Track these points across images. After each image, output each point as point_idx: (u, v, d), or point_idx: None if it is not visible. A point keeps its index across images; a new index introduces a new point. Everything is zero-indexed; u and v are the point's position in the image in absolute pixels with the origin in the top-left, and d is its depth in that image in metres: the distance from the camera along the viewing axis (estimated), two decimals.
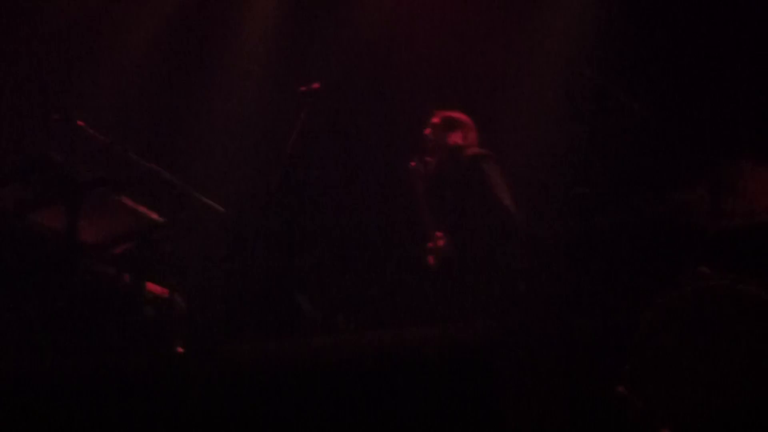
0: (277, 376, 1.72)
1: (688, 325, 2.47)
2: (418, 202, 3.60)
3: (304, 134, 3.03)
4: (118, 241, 3.29)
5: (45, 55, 4.83)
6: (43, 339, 3.08)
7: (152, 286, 3.47)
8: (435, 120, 3.69)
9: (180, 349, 3.56)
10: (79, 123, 3.40)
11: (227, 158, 4.68)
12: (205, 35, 5.02)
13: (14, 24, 4.82)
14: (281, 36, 4.93)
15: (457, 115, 3.73)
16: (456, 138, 3.62)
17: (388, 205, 4.28)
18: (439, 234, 3.53)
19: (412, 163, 3.60)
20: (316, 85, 3.24)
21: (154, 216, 3.27)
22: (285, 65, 4.77)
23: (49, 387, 2.02)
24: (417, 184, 3.60)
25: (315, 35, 4.64)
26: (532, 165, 4.03)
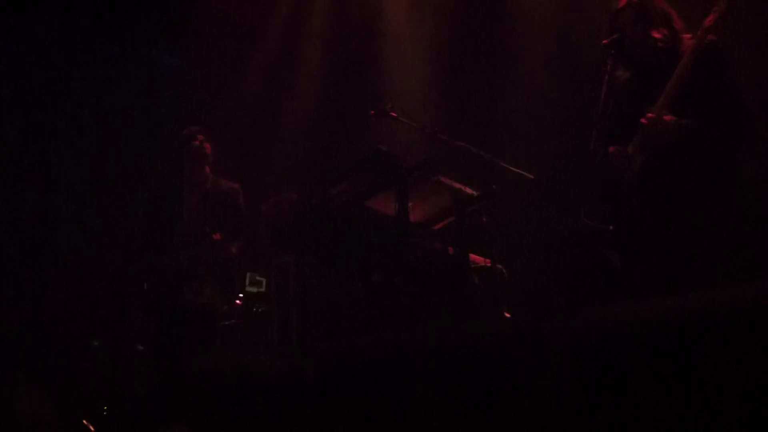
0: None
1: None
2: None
3: (612, 90, 2.91)
4: (441, 216, 3.53)
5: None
6: (383, 311, 3.44)
7: (475, 257, 3.67)
8: (622, 7, 3.03)
9: (507, 314, 3.72)
10: (393, 114, 3.74)
11: (527, 125, 4.74)
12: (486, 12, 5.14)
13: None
14: None
15: None
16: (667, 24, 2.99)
17: None
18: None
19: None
20: (616, 36, 3.05)
21: (469, 190, 3.44)
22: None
23: (387, 357, 2.20)
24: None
25: None
26: None
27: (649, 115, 2.83)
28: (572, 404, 1.81)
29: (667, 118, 2.81)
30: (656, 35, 2.99)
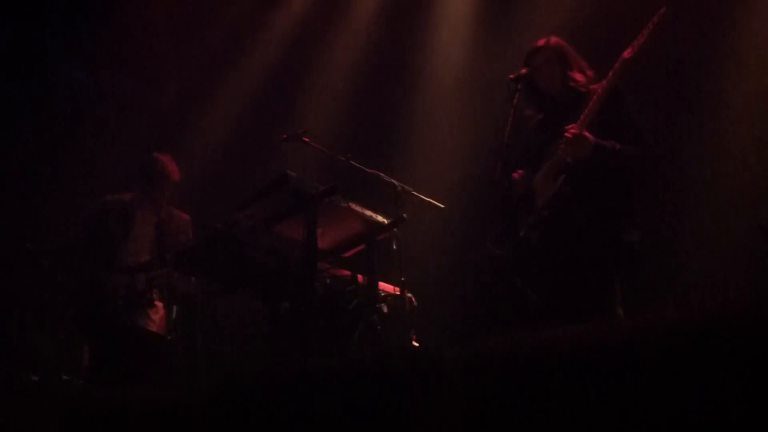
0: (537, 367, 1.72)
1: None
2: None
3: (517, 122, 2.99)
4: (351, 244, 3.51)
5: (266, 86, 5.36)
6: (289, 338, 3.37)
7: (384, 285, 3.66)
8: (540, 46, 3.19)
9: (415, 343, 3.72)
10: (305, 139, 3.72)
11: (438, 155, 4.82)
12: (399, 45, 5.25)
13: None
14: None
15: (563, 42, 3.23)
16: (581, 71, 3.17)
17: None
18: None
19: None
20: (523, 71, 3.15)
21: (380, 218, 3.44)
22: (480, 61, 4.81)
23: (294, 385, 2.16)
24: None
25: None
26: None
27: (572, 130, 2.93)
28: None
29: (586, 133, 2.93)
30: (574, 77, 3.14)
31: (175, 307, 5.27)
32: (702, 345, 1.34)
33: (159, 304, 4.14)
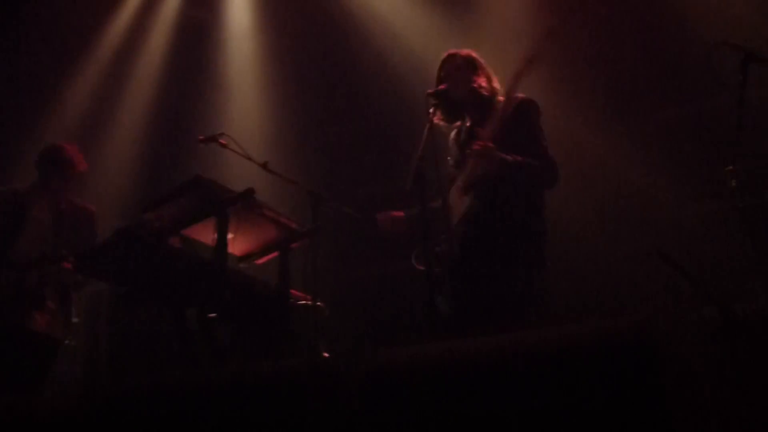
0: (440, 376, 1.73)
1: None
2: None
3: (433, 135, 3.04)
4: (265, 251, 3.46)
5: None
6: (198, 344, 3.29)
7: (296, 293, 3.62)
8: (452, 54, 3.33)
9: (325, 354, 3.69)
10: (222, 142, 3.66)
11: (358, 164, 4.83)
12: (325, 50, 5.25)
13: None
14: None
15: (474, 53, 3.37)
16: (488, 80, 3.30)
17: None
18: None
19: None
20: (443, 86, 3.24)
21: (295, 225, 3.41)
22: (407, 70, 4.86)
23: (197, 392, 2.12)
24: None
25: None
26: None
27: (479, 143, 3.01)
28: None
29: (491, 146, 3.02)
30: (479, 82, 3.26)
31: (74, 309, 5.05)
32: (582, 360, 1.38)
33: (50, 304, 3.92)
